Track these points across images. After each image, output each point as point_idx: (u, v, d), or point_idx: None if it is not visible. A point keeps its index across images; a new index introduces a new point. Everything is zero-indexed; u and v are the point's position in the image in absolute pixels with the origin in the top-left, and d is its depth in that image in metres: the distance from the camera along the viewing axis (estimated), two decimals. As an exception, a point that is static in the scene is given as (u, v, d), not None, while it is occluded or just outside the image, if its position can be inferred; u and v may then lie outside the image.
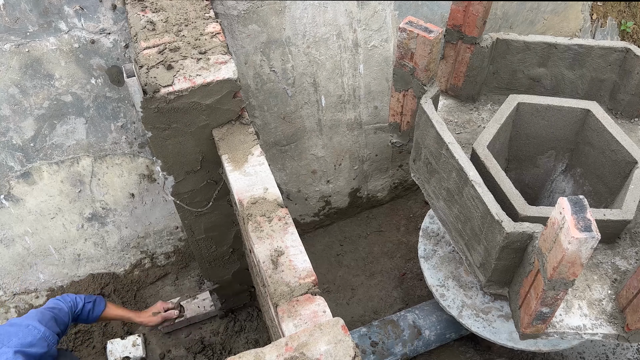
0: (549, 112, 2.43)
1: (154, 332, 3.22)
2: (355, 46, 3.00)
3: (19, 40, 2.40)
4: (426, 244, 2.90)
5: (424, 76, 2.23)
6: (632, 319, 1.96)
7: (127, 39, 2.54)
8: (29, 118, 2.60)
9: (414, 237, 3.67)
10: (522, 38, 2.52)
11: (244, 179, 1.95)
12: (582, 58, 2.51)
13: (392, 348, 2.83)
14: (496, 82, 2.71)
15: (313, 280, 1.64)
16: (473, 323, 2.58)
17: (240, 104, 2.10)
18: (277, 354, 1.31)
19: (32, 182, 2.80)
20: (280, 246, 1.73)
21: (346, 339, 1.33)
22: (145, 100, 1.91)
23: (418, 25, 2.14)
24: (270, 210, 1.84)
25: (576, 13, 3.73)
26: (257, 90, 2.93)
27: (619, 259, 2.21)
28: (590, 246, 1.54)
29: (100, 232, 3.13)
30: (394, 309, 3.32)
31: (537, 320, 1.93)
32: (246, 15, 2.66)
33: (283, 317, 1.57)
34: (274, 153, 3.22)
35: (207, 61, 2.02)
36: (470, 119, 2.68)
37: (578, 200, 1.58)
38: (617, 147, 2.28)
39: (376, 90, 3.23)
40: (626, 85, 2.51)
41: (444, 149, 2.15)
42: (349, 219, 3.82)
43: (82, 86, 2.60)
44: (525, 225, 1.88)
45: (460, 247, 2.31)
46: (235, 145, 2.08)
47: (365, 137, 3.41)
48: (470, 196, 2.06)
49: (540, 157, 2.60)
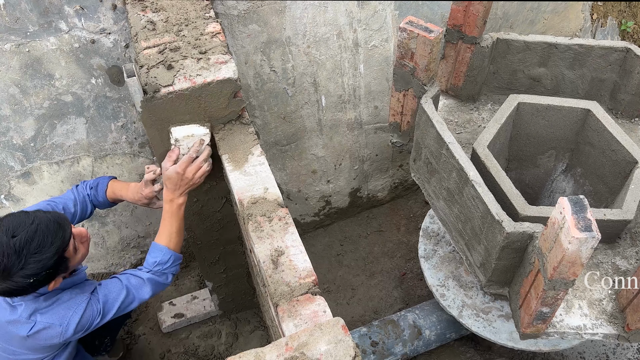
0: (549, 112, 2.43)
1: (154, 331, 3.22)
2: (356, 46, 3.00)
3: (19, 40, 2.40)
4: (426, 243, 2.90)
5: (424, 76, 2.23)
6: (632, 319, 1.96)
7: (127, 38, 2.54)
8: (29, 118, 2.60)
9: (414, 237, 3.67)
10: (522, 38, 2.52)
11: (244, 179, 1.95)
12: (582, 58, 2.51)
13: (392, 348, 2.83)
14: (496, 82, 2.71)
15: (313, 280, 1.64)
16: (473, 323, 2.58)
17: (241, 104, 2.10)
18: (277, 353, 1.31)
19: (32, 182, 2.80)
20: (280, 246, 1.73)
21: (346, 338, 1.33)
22: (145, 100, 1.91)
23: (418, 25, 2.14)
24: (271, 210, 1.84)
25: (576, 13, 3.73)
26: (257, 90, 2.93)
27: (620, 259, 2.21)
28: (591, 246, 1.54)
29: (100, 232, 3.13)
30: (394, 309, 3.32)
31: (537, 320, 1.93)
32: (246, 15, 2.66)
33: (283, 317, 1.57)
34: (274, 153, 3.23)
35: (208, 61, 2.02)
36: (471, 119, 2.68)
37: (578, 200, 1.58)
38: (617, 147, 2.28)
39: (376, 90, 3.23)
40: (626, 85, 2.51)
41: (444, 149, 2.15)
42: (349, 219, 3.82)
43: (83, 86, 2.60)
44: (526, 225, 1.88)
45: (461, 247, 2.31)
46: (236, 145, 2.08)
47: (365, 137, 3.41)
48: (470, 196, 2.06)
49: (541, 157, 2.60)
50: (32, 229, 1.80)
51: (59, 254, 1.85)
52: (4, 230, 1.78)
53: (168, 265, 2.13)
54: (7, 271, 1.77)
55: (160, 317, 3.20)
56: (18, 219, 1.82)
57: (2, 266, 1.76)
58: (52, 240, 1.83)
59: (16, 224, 1.80)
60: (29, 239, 1.78)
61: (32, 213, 1.86)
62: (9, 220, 1.82)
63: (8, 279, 1.78)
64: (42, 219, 1.84)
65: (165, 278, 2.15)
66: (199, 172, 2.08)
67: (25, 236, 1.78)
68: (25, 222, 1.80)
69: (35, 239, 1.79)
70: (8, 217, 1.84)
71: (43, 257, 1.80)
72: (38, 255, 1.79)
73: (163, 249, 2.12)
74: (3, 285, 1.79)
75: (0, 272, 1.76)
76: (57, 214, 1.92)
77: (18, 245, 1.76)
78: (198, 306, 3.22)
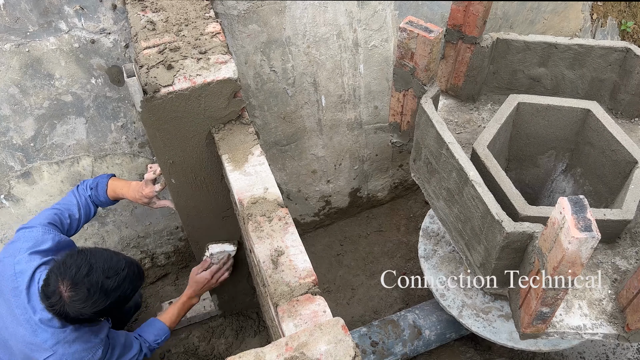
0: (549, 112, 2.43)
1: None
2: (356, 46, 3.00)
3: (19, 40, 2.40)
4: (426, 243, 2.90)
5: (424, 76, 2.23)
6: (632, 319, 1.96)
7: (127, 38, 2.54)
8: (29, 118, 2.60)
9: (414, 237, 3.67)
10: (522, 38, 2.52)
11: (244, 179, 1.95)
12: (582, 58, 2.51)
13: (392, 348, 2.83)
14: (496, 82, 2.71)
15: (313, 280, 1.64)
16: (473, 323, 2.58)
17: (241, 104, 2.10)
18: (277, 353, 1.31)
19: (32, 182, 2.80)
20: (280, 246, 1.73)
21: (346, 338, 1.33)
22: (145, 100, 1.90)
23: (418, 25, 2.14)
24: (271, 210, 1.84)
25: (576, 13, 3.73)
26: (257, 90, 2.93)
27: (619, 258, 2.21)
28: (591, 246, 1.54)
29: (100, 232, 3.13)
30: (394, 309, 3.32)
31: (537, 320, 1.93)
32: (246, 15, 2.66)
33: (283, 317, 1.57)
34: (274, 153, 3.22)
35: (208, 61, 2.02)
36: (471, 119, 2.68)
37: (578, 200, 1.58)
38: (617, 147, 2.28)
39: (376, 90, 3.23)
40: (626, 85, 2.51)
41: (444, 149, 2.15)
42: (349, 219, 3.82)
43: (82, 86, 2.60)
44: (526, 225, 1.88)
45: (461, 247, 2.31)
46: (236, 145, 2.08)
47: (365, 137, 3.41)
48: (470, 196, 2.05)
49: (541, 157, 2.60)
50: (123, 275, 1.94)
51: (130, 299, 2.00)
52: (100, 268, 1.90)
53: (160, 342, 2.45)
54: (90, 305, 1.88)
55: (160, 317, 3.20)
56: (111, 261, 1.94)
57: (91, 301, 1.87)
58: (133, 288, 2.00)
59: (110, 266, 1.92)
60: (119, 285, 1.92)
61: (122, 258, 1.99)
62: (103, 258, 1.93)
63: (86, 310, 1.88)
64: (131, 266, 1.99)
65: (151, 353, 2.40)
66: (221, 278, 2.55)
67: (118, 280, 1.92)
68: (118, 267, 1.94)
69: (122, 287, 1.94)
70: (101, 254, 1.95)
71: (120, 300, 1.95)
72: (118, 298, 1.94)
73: (166, 331, 2.45)
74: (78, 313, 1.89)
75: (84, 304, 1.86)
76: (138, 263, 2.07)
77: (109, 287, 1.90)
78: (198, 306, 3.21)
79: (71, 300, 1.85)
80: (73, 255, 1.91)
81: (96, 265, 1.89)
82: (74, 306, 1.85)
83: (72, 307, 1.86)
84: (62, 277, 1.86)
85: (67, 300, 1.85)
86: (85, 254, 1.92)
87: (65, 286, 1.85)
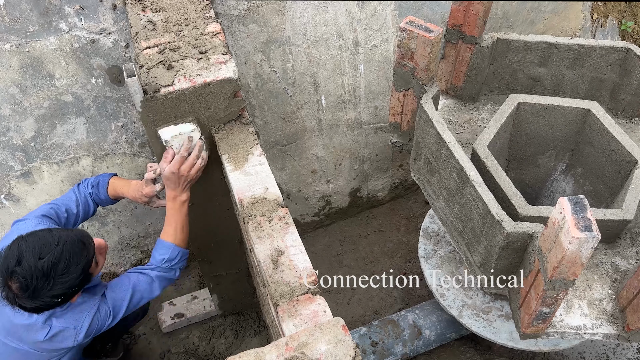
0: (549, 112, 2.43)
1: (154, 331, 3.22)
2: (356, 46, 3.00)
3: (19, 40, 2.40)
4: (426, 243, 2.90)
5: (424, 76, 2.23)
6: (632, 319, 1.96)
7: (127, 38, 2.54)
8: (29, 118, 2.60)
9: (414, 236, 3.67)
10: (522, 38, 2.52)
11: (244, 179, 1.95)
12: (582, 58, 2.51)
13: (392, 348, 2.83)
14: (496, 82, 2.71)
15: (313, 280, 1.64)
16: (473, 323, 2.58)
17: (241, 104, 2.10)
18: (277, 353, 1.31)
19: (32, 182, 2.80)
20: (280, 246, 1.73)
21: (346, 338, 1.33)
22: (145, 100, 1.91)
23: (418, 25, 2.14)
24: (271, 210, 1.84)
25: (576, 13, 3.73)
26: (258, 90, 2.93)
27: (619, 258, 2.21)
28: (591, 246, 1.54)
29: (100, 232, 3.13)
30: (394, 309, 3.32)
31: (537, 320, 1.93)
32: (246, 15, 2.66)
33: (283, 317, 1.57)
34: (274, 153, 3.23)
35: (208, 61, 2.02)
36: (471, 119, 2.68)
37: (578, 200, 1.58)
38: (617, 146, 2.28)
39: (376, 90, 3.23)
40: (626, 85, 2.51)
41: (444, 149, 2.15)
42: (349, 219, 3.82)
43: (83, 86, 2.60)
44: (526, 225, 1.88)
45: (461, 247, 2.31)
46: (236, 145, 2.08)
47: (365, 136, 3.41)
48: (470, 196, 2.06)
49: (541, 157, 2.60)
50: (59, 250, 1.83)
51: (84, 273, 1.90)
52: (30, 252, 1.80)
53: (176, 262, 2.19)
54: (36, 292, 1.80)
55: (160, 317, 3.20)
56: (43, 240, 1.84)
57: (32, 288, 1.79)
58: (78, 260, 1.87)
59: (42, 245, 1.82)
60: (56, 261, 1.81)
61: (56, 232, 1.88)
62: (34, 240, 1.84)
63: (37, 299, 1.82)
64: (67, 239, 1.87)
65: (173, 274, 2.21)
66: (194, 168, 2.10)
67: (53, 258, 1.81)
68: (51, 243, 1.83)
69: (62, 260, 1.83)
70: (33, 237, 1.85)
71: (70, 277, 1.85)
72: (65, 276, 1.84)
73: (170, 246, 2.16)
74: (32, 304, 1.83)
75: (29, 293, 1.80)
76: (80, 232, 1.95)
77: (46, 268, 1.80)
78: (198, 306, 3.22)
79: (19, 292, 1.80)
80: (7, 248, 1.85)
81: (26, 250, 1.80)
82: (24, 299, 1.81)
83: (23, 300, 1.82)
84: (3, 274, 1.81)
85: (17, 293, 1.81)
86: (17, 242, 1.84)
87: (11, 282, 1.80)
